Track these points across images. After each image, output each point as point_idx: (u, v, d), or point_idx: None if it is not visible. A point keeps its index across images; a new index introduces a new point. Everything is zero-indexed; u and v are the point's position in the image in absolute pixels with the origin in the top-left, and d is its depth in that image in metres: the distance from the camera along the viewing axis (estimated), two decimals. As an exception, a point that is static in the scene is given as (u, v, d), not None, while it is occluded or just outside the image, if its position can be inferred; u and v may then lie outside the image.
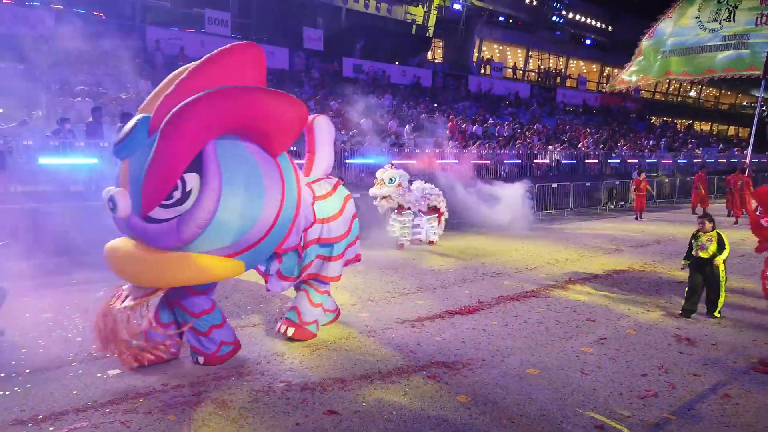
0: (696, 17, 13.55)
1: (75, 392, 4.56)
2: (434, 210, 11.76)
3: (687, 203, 20.49)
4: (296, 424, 4.11)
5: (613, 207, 19.20)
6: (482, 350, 5.62)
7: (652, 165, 23.84)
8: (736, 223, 15.38)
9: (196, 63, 4.60)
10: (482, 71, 33.11)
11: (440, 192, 11.95)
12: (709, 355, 5.58)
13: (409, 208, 11.23)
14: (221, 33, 21.81)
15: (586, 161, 21.36)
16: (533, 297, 7.71)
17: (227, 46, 4.70)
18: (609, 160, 22.49)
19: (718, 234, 6.68)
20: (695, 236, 6.82)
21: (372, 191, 10.97)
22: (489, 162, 17.82)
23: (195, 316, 5.01)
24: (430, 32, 31.34)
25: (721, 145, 35.19)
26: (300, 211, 5.14)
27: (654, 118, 40.33)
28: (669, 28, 14.05)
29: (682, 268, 7.15)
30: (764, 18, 12.74)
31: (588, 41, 40.56)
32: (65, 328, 6.07)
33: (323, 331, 6.15)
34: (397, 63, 27.47)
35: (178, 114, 4.16)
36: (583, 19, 39.26)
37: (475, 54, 33.77)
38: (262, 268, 5.48)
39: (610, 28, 40.84)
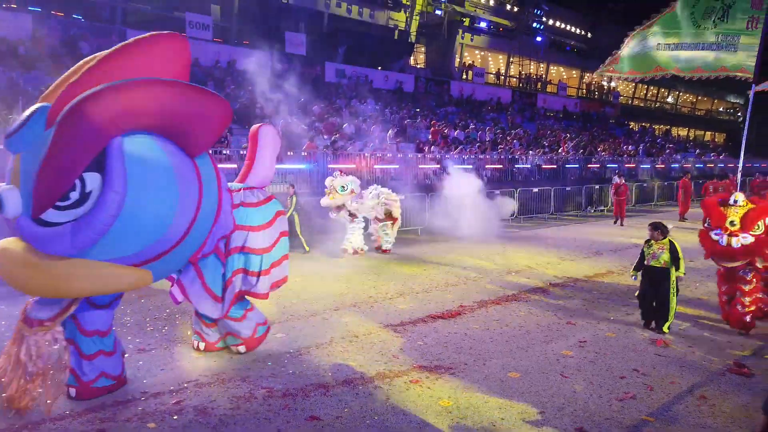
0: (691, 13, 13.63)
1: (50, 402, 4.48)
2: (390, 216, 11.25)
3: (667, 207, 20.84)
4: (278, 430, 4.09)
5: (593, 212, 19.43)
6: (464, 354, 5.65)
7: (631, 170, 24.18)
8: None
9: (108, 51, 4.12)
10: (464, 77, 33.35)
11: (397, 198, 11.44)
12: (686, 357, 5.67)
13: (359, 216, 10.81)
14: (202, 37, 21.68)
15: (567, 166, 21.60)
16: (514, 301, 7.78)
17: (146, 34, 4.24)
18: (589, 165, 22.77)
19: (671, 243, 6.37)
20: (647, 244, 6.53)
21: (324, 201, 10.54)
22: (471, 167, 17.93)
23: (85, 334, 4.50)
24: (413, 38, 31.50)
25: (697, 150, 35.84)
26: (219, 217, 4.76)
27: (632, 123, 40.96)
28: (663, 22, 14.05)
29: (633, 278, 6.88)
30: (755, 22, 12.94)
31: (568, 48, 41.09)
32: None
33: (305, 337, 6.14)
34: (379, 68, 27.54)
35: (79, 105, 3.66)
36: (563, 25, 39.76)
37: (457, 59, 34.02)
38: (176, 276, 5.11)
39: (589, 34, 41.42)
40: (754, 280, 6.33)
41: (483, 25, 35.00)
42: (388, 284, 8.64)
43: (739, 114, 54.62)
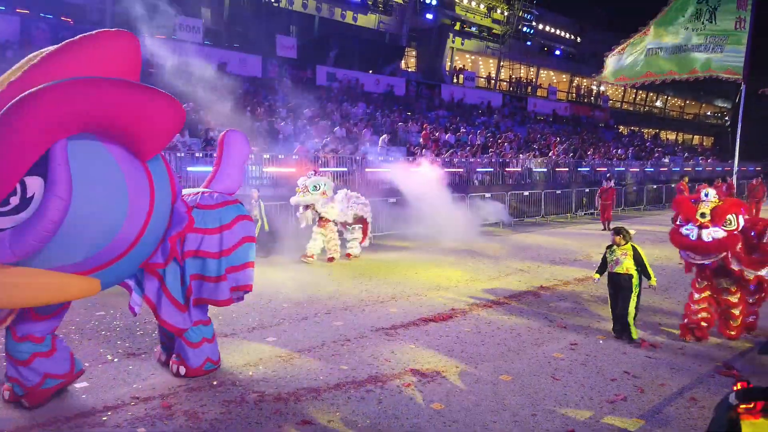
0: (681, 16, 13.74)
1: (38, 409, 4.44)
2: (360, 220, 11.00)
3: (656, 211, 20.99)
4: (269, 435, 4.07)
5: (583, 214, 19.54)
6: (456, 357, 5.66)
7: (621, 173, 24.36)
8: None
9: (52, 48, 3.93)
10: (455, 80, 33.48)
11: (367, 201, 11.18)
12: (676, 360, 5.71)
13: (331, 220, 10.51)
14: (193, 40, 21.61)
15: (557, 169, 21.73)
16: (505, 304, 7.79)
17: (93, 32, 4.07)
18: (579, 169, 22.91)
19: (633, 248, 6.17)
20: (609, 250, 6.33)
21: (294, 199, 10.25)
22: (462, 170, 17.99)
23: (17, 340, 4.33)
24: (403, 41, 31.59)
25: (686, 154, 36.18)
26: (172, 222, 4.57)
27: (622, 127, 41.28)
28: (656, 27, 14.13)
29: (595, 281, 6.77)
30: (742, 23, 13.03)
31: (557, 52, 41.39)
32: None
33: (297, 341, 6.11)
34: (370, 71, 27.59)
35: (19, 105, 3.46)
36: (552, 30, 40.04)
37: (448, 63, 34.15)
38: (131, 284, 4.83)
39: (578, 39, 41.74)
40: (738, 291, 6.18)
41: (473, 29, 35.20)
42: (379, 288, 8.64)
43: (727, 118, 55.19)
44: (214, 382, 4.96)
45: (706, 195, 6.04)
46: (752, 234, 6.07)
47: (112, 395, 4.67)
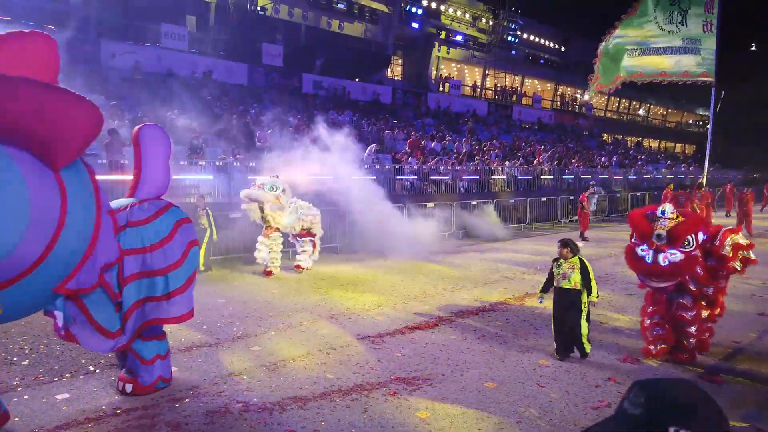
0: (654, 17, 13.89)
1: (17, 419, 4.37)
2: (308, 233, 10.41)
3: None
4: (254, 445, 4.04)
5: (568, 221, 19.69)
6: (441, 365, 5.66)
7: (604, 181, 24.61)
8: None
9: None
10: (441, 89, 33.69)
11: (317, 212, 10.54)
12: (660, 366, 5.76)
13: (277, 229, 9.91)
14: (178, 48, 21.54)
15: (542, 177, 21.90)
16: (491, 311, 7.82)
17: (5, 32, 3.80)
18: (563, 176, 23.11)
19: (581, 261, 5.78)
20: (556, 263, 5.91)
21: (244, 192, 9.53)
22: (447, 177, 18.07)
23: None
24: (390, 50, 31.75)
25: (668, 161, 36.67)
26: (97, 244, 4.06)
27: (605, 135, 41.76)
28: (624, 27, 14.25)
29: (539, 301, 6.30)
30: (709, 26, 13.23)
31: (542, 61, 41.86)
32: (9, 351, 5.81)
33: (282, 350, 6.08)
34: (357, 80, 27.67)
35: None
36: (537, 39, 40.48)
37: (434, 72, 34.36)
38: (56, 313, 4.33)
39: (563, 48, 42.25)
40: (696, 306, 5.75)
41: (459, 38, 35.50)
42: (365, 296, 8.62)
43: (708, 126, 56.07)
44: (198, 392, 4.91)
45: (663, 213, 5.56)
46: (705, 237, 5.71)
47: (93, 406, 4.60)
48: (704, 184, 14.75)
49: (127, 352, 4.85)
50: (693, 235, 5.45)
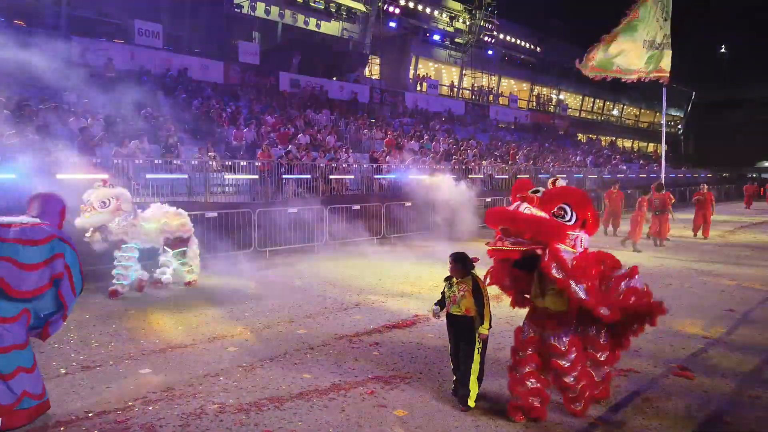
0: (653, 14, 14.18)
1: (-13, 424, 4.26)
2: (180, 242, 9.07)
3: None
4: (230, 446, 4.00)
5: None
6: (419, 363, 5.67)
7: (579, 180, 24.95)
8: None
9: None
10: (418, 88, 33.79)
11: (185, 219, 9.13)
12: (632, 361, 5.84)
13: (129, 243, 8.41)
14: (152, 45, 21.21)
15: (518, 176, 22.10)
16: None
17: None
18: (539, 175, 23.36)
19: (474, 281, 4.59)
20: (448, 282, 4.74)
21: (78, 222, 7.84)
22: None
23: None
24: (367, 49, 31.73)
25: (641, 161, 37.33)
26: None
27: (580, 135, 42.35)
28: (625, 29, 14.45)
29: (435, 316, 4.87)
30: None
31: (518, 61, 42.26)
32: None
33: (259, 350, 6.03)
34: (334, 78, 27.58)
35: None
36: (513, 39, 40.84)
37: (411, 71, 34.44)
38: None
39: (538, 49, 42.71)
40: (573, 348, 4.40)
41: (436, 37, 35.65)
42: (343, 295, 8.61)
43: (680, 126, 57.28)
44: (173, 395, 4.84)
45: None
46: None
47: (65, 410, 4.51)
48: (663, 185, 14.22)
49: None
50: (574, 210, 4.24)
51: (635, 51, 14.06)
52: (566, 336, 4.42)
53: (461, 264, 4.64)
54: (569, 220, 4.22)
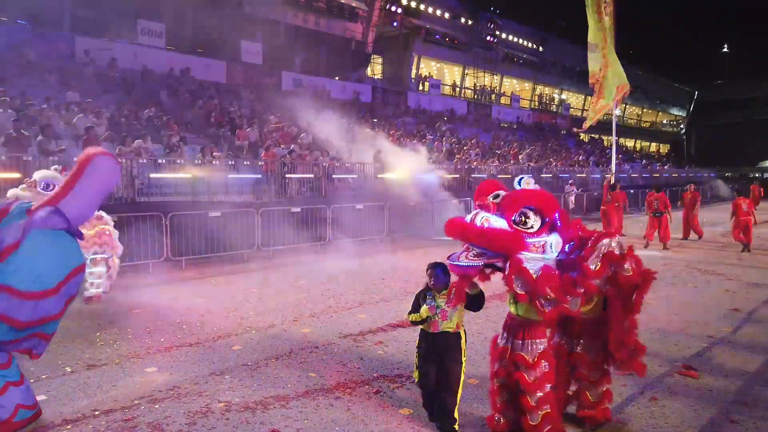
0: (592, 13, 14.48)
1: (-6, 422, 4.27)
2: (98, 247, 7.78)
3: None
4: (236, 445, 4.01)
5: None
6: (424, 362, 5.67)
7: (582, 179, 24.94)
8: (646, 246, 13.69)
9: None
10: (420, 88, 33.78)
11: (108, 224, 7.91)
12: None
13: None
14: (155, 44, 21.23)
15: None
16: (473, 308, 7.85)
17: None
18: (542, 175, 23.35)
19: (458, 289, 4.00)
20: (428, 296, 4.16)
21: (11, 192, 6.89)
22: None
23: None
24: (369, 48, 31.74)
25: (643, 161, 37.32)
26: None
27: (583, 134, 42.34)
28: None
29: (412, 323, 4.26)
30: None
31: (521, 61, 42.24)
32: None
33: (263, 349, 6.04)
34: (336, 78, 27.59)
35: None
36: (515, 39, 40.84)
37: (414, 71, 34.45)
38: None
39: (541, 48, 42.70)
40: (543, 362, 3.82)
41: (438, 37, 35.65)
42: (347, 294, 8.61)
43: (682, 126, 57.23)
44: (179, 393, 4.85)
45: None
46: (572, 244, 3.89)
47: (71, 408, 4.52)
48: (617, 185, 14.51)
49: None
50: (538, 214, 3.79)
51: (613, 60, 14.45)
52: (538, 345, 3.81)
53: (446, 274, 4.10)
54: (532, 226, 3.76)
